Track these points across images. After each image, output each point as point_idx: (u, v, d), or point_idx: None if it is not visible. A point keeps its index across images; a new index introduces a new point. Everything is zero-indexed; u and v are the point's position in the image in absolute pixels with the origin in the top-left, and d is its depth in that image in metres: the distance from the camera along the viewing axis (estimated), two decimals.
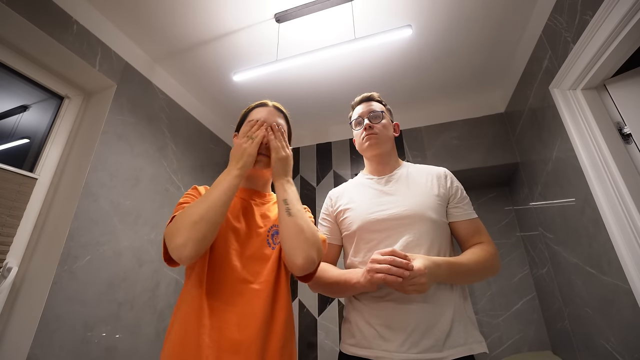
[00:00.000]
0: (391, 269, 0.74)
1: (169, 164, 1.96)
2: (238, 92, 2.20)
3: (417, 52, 1.90)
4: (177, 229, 0.67)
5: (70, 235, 1.34)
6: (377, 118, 1.05)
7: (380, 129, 1.03)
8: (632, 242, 1.15)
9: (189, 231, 0.65)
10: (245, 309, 0.71)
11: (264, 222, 0.85)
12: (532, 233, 2.06)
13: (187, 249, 0.64)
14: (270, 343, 0.71)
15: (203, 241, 0.66)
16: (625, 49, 1.17)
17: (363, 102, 1.10)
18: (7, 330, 1.20)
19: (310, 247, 0.72)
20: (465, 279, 0.89)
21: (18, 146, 1.43)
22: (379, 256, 0.78)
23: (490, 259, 0.89)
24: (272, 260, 0.79)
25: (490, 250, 0.91)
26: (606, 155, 1.27)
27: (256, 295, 0.73)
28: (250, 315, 0.71)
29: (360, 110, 1.08)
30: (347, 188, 1.09)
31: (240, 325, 0.69)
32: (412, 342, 0.78)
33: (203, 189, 0.85)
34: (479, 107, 2.35)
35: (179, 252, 0.64)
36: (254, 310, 0.72)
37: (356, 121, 1.09)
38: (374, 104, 1.08)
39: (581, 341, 1.55)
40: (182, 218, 0.68)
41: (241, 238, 0.80)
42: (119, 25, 1.67)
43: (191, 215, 0.67)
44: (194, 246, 0.64)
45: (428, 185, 0.97)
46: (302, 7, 1.57)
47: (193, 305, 0.70)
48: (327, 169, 2.59)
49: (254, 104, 0.94)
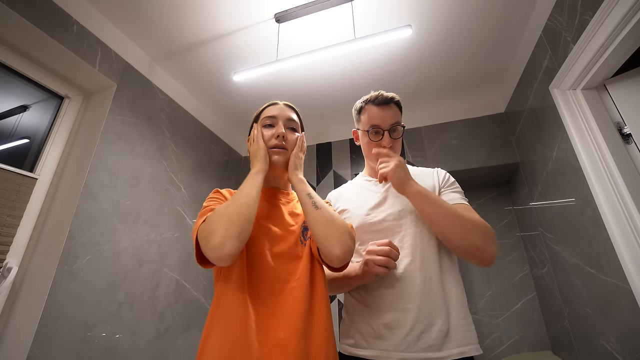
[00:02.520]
0: (390, 262, 0.77)
1: (169, 164, 1.96)
2: (238, 92, 2.20)
3: (417, 52, 1.90)
4: (212, 229, 0.67)
5: (70, 235, 1.34)
6: (397, 132, 0.95)
7: (396, 146, 0.97)
8: (632, 242, 1.15)
9: (226, 229, 0.65)
10: (286, 309, 0.72)
11: (294, 219, 0.87)
12: (532, 233, 2.06)
13: (226, 247, 0.64)
14: (314, 339, 0.72)
15: (239, 238, 0.66)
16: (625, 49, 1.17)
17: (383, 104, 0.96)
18: (7, 330, 1.20)
19: (345, 236, 0.74)
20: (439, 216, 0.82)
21: (18, 146, 1.43)
22: (375, 247, 0.80)
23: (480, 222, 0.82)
24: (305, 256, 0.80)
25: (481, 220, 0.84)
26: (606, 155, 1.27)
27: (294, 293, 0.74)
28: (291, 313, 0.72)
29: (379, 117, 0.95)
30: (346, 189, 1.09)
31: (283, 324, 0.70)
32: (411, 340, 0.78)
33: (227, 192, 0.87)
34: (479, 107, 2.35)
35: (219, 251, 0.64)
36: (294, 309, 0.72)
37: (374, 131, 0.96)
38: (395, 111, 0.96)
39: (581, 341, 1.55)
40: (216, 218, 0.68)
41: (274, 238, 0.81)
42: (119, 25, 1.67)
43: (225, 214, 0.68)
44: (233, 244, 0.65)
45: (424, 185, 0.97)
46: (302, 7, 1.57)
47: (236, 308, 0.70)
48: (327, 168, 2.59)
49: (265, 105, 0.95)
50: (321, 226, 0.74)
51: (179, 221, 1.97)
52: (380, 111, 0.95)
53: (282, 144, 0.85)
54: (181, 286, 1.89)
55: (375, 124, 0.95)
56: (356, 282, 0.87)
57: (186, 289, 1.93)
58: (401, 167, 0.86)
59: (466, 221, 0.81)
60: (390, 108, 0.96)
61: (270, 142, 0.85)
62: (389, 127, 0.94)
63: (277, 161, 0.85)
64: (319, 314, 0.75)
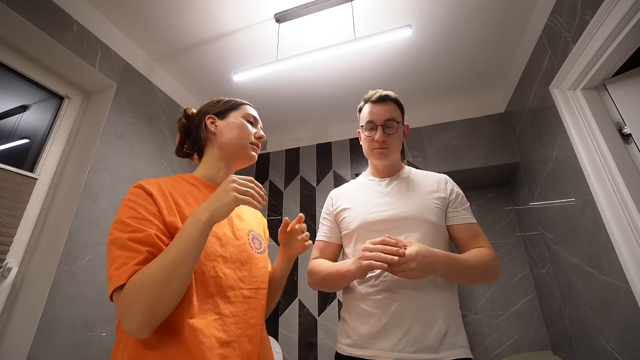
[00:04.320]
0: (380, 255, 0.76)
1: (169, 164, 1.96)
2: (238, 92, 2.20)
3: (417, 52, 1.90)
4: (131, 308, 0.54)
5: (70, 235, 1.34)
6: (391, 128, 0.97)
7: (392, 142, 0.98)
8: (632, 242, 1.15)
9: (149, 316, 0.54)
10: (245, 318, 0.70)
11: (242, 224, 0.82)
12: (532, 233, 2.06)
13: (143, 332, 0.55)
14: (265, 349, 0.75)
15: (160, 321, 0.56)
16: (625, 49, 1.17)
17: (378, 102, 0.99)
18: (7, 330, 1.20)
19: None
20: (464, 277, 0.87)
21: (18, 146, 1.43)
22: (370, 245, 0.80)
23: (490, 262, 0.88)
24: (262, 267, 0.81)
25: (490, 254, 0.90)
26: (606, 155, 1.27)
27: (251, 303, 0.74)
28: (253, 325, 0.71)
29: (374, 113, 0.98)
30: (348, 188, 1.09)
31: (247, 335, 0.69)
32: (408, 341, 0.78)
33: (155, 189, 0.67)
34: (479, 107, 2.35)
35: (133, 334, 0.55)
36: (254, 320, 0.72)
37: (368, 126, 0.99)
38: (391, 107, 0.99)
39: (581, 341, 1.55)
40: (138, 293, 0.54)
41: (223, 242, 0.72)
42: (119, 25, 1.67)
43: (150, 292, 0.54)
44: (151, 328, 0.55)
45: (428, 188, 0.98)
46: (302, 7, 1.57)
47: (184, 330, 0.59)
48: (327, 169, 2.59)
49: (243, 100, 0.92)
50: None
51: None
52: (375, 107, 0.99)
53: (259, 143, 0.88)
54: None
55: (370, 119, 0.99)
56: (347, 278, 0.88)
57: None
58: (419, 264, 0.76)
59: (482, 270, 0.87)
60: (385, 104, 0.99)
61: (251, 138, 0.86)
62: (383, 122, 0.97)
63: (253, 157, 0.86)
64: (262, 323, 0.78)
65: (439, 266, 0.80)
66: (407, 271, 0.76)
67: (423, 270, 0.77)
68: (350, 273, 0.84)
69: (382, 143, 0.97)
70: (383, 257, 0.76)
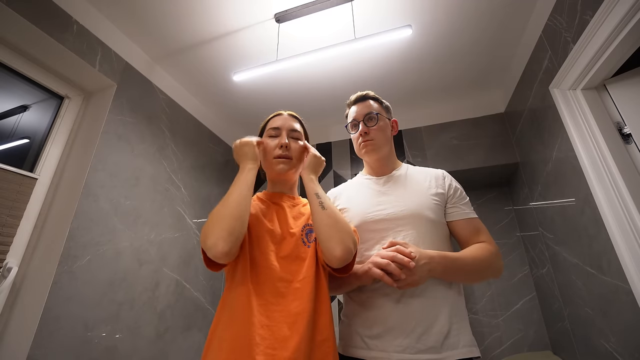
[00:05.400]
0: (390, 264, 0.76)
1: (169, 164, 1.96)
2: (238, 92, 2.20)
3: (416, 52, 1.90)
4: (206, 231, 0.71)
5: (70, 235, 1.34)
6: (372, 120, 1.02)
7: (377, 134, 1.01)
8: (632, 242, 1.15)
9: (218, 229, 0.70)
10: (290, 308, 0.74)
11: (297, 222, 0.89)
12: (532, 233, 2.06)
13: (219, 246, 0.68)
14: (316, 337, 0.74)
15: (232, 236, 0.70)
16: (625, 49, 1.17)
17: (358, 102, 1.07)
18: (7, 331, 1.20)
19: (346, 237, 0.75)
20: (464, 276, 0.87)
21: (18, 146, 1.43)
22: (383, 251, 0.80)
23: (491, 258, 0.87)
24: (309, 258, 0.82)
25: (491, 249, 0.89)
26: (606, 155, 1.27)
27: (298, 294, 0.76)
28: (296, 313, 0.73)
29: (355, 112, 1.05)
30: (346, 188, 1.09)
31: (287, 323, 0.72)
32: (410, 342, 0.78)
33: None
34: (479, 107, 2.35)
35: (213, 251, 0.68)
36: (298, 309, 0.73)
37: (351, 124, 1.06)
38: (370, 104, 1.05)
39: (581, 341, 1.55)
40: (210, 219, 0.73)
41: (277, 239, 0.83)
42: (119, 25, 1.67)
43: (216, 215, 0.73)
44: (225, 242, 0.68)
45: (426, 185, 0.97)
46: (302, 7, 1.57)
47: (240, 306, 0.72)
48: (327, 168, 2.59)
49: (270, 116, 1.00)
50: (324, 226, 0.77)
51: (178, 221, 1.97)
52: (356, 107, 1.06)
53: (286, 153, 0.90)
54: (181, 286, 1.89)
55: (352, 118, 1.06)
56: (355, 281, 0.87)
57: (186, 289, 1.93)
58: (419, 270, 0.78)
59: (482, 267, 0.86)
60: (364, 102, 1.05)
61: (275, 152, 0.90)
62: (363, 117, 1.02)
63: (282, 170, 0.89)
64: (322, 313, 0.77)
65: (434, 266, 0.80)
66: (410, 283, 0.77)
67: (421, 275, 0.77)
68: (358, 277, 0.85)
69: (365, 135, 1.01)
70: (392, 268, 0.76)
